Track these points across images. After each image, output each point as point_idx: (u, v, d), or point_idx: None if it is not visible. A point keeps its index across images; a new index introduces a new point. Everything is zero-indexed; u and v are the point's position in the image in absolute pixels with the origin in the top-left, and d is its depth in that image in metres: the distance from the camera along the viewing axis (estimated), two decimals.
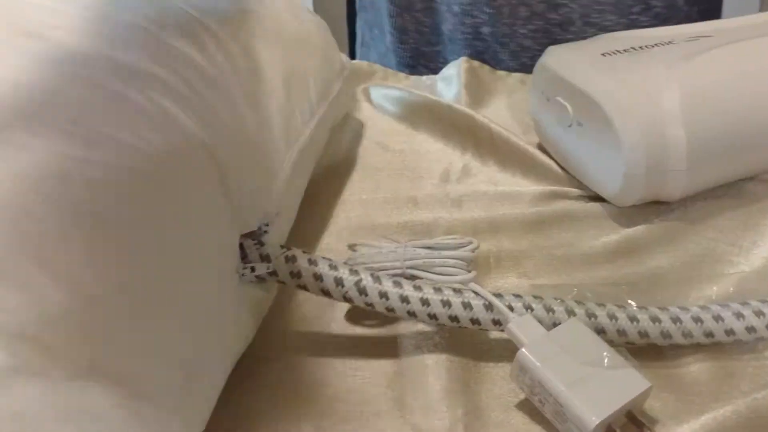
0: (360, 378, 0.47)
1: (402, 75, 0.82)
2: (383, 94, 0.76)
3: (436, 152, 0.69)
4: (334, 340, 0.50)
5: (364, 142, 0.71)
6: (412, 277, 0.48)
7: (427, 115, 0.71)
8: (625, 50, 0.60)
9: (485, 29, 0.83)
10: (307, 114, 0.58)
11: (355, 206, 0.63)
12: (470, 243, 0.49)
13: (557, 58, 0.61)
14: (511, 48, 0.82)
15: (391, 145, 0.70)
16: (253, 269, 0.44)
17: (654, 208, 0.58)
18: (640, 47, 0.60)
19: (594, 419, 0.39)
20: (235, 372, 0.44)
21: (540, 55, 0.63)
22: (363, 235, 0.58)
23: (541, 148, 0.66)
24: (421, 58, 0.92)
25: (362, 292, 0.45)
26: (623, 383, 0.41)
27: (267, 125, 0.50)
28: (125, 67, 0.39)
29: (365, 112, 0.75)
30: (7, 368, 0.26)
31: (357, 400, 0.45)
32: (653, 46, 0.60)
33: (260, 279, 0.45)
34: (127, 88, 0.38)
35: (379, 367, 0.47)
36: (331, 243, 0.59)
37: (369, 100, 0.76)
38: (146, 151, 0.36)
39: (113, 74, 0.38)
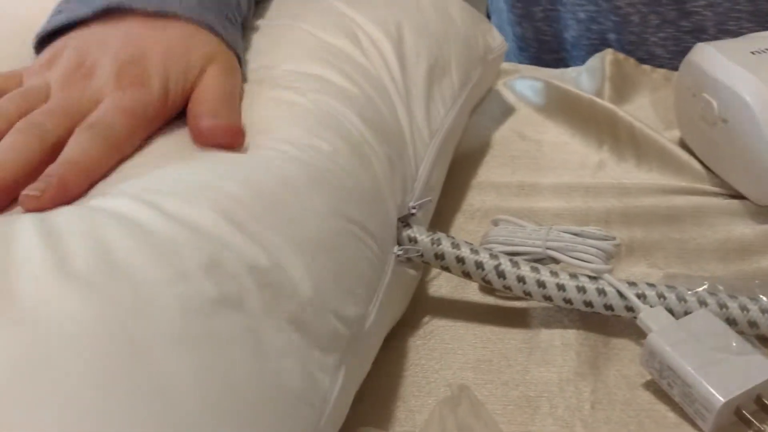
0: (490, 351, 0.49)
1: (548, 69, 0.83)
2: (527, 84, 0.77)
3: (574, 144, 0.70)
4: (469, 310, 0.52)
5: (502, 130, 0.73)
6: (551, 259, 0.50)
7: (567, 108, 0.73)
8: None
9: (611, 36, 0.83)
10: (449, 101, 0.61)
11: (489, 190, 0.65)
12: (614, 239, 0.50)
13: (705, 55, 0.61)
14: (638, 55, 0.82)
15: (529, 134, 0.72)
16: (406, 250, 0.47)
17: None
18: None
19: (720, 399, 0.40)
20: None
21: (669, 63, 0.63)
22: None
23: (683, 144, 0.66)
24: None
25: (501, 275, 0.47)
26: (752, 368, 0.42)
27: (413, 114, 0.53)
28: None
29: (506, 100, 0.77)
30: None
31: (485, 370, 0.47)
32: None
33: (409, 260, 0.48)
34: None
35: (510, 341, 0.49)
36: (465, 224, 0.61)
37: (511, 89, 0.78)
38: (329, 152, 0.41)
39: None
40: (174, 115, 0.42)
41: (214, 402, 0.28)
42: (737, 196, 0.60)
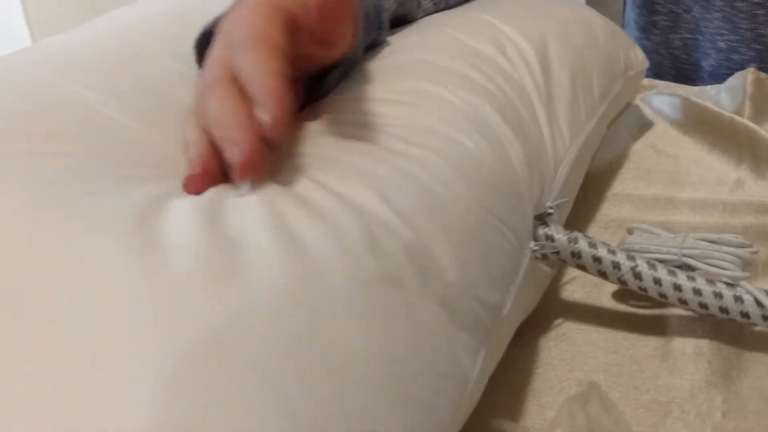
0: (621, 355, 0.50)
1: (687, 86, 0.83)
2: (665, 100, 0.78)
3: (711, 161, 0.70)
4: (602, 315, 0.53)
5: (637, 144, 0.73)
6: (686, 266, 0.50)
7: (705, 125, 0.73)
8: None
9: (752, 65, 0.83)
10: (589, 110, 0.62)
11: (623, 202, 0.66)
12: (751, 246, 0.50)
13: None
14: None
15: (664, 149, 0.72)
16: (542, 246, 0.48)
17: None
18: None
19: None
20: None
21: None
22: None
23: None
24: None
25: (637, 277, 0.48)
26: None
27: (555, 117, 0.55)
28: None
29: (643, 115, 0.77)
30: None
31: (616, 373, 0.48)
32: None
33: (544, 257, 0.50)
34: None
35: (642, 347, 0.50)
36: (599, 233, 0.62)
37: (648, 104, 0.78)
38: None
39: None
40: None
41: (378, 372, 0.30)
42: None
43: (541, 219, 0.50)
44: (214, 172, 0.37)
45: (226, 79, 0.38)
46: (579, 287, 0.56)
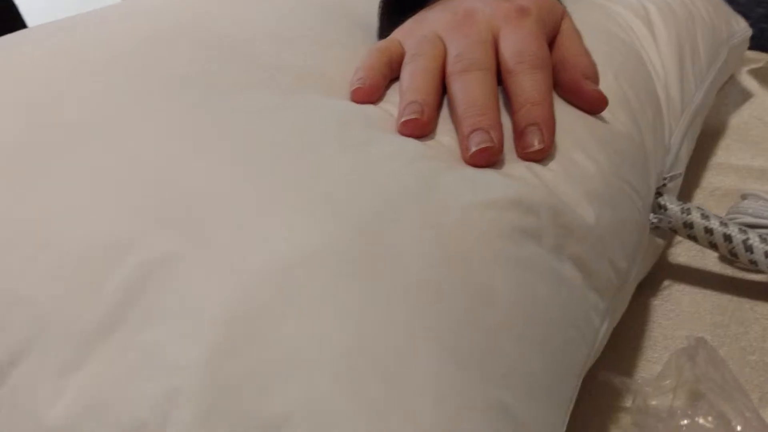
0: (728, 318, 0.52)
1: None
2: None
3: None
4: (708, 278, 0.55)
5: (744, 115, 0.74)
6: None
7: None
8: None
9: None
10: (698, 78, 0.63)
11: (729, 172, 0.66)
12: None
13: None
14: None
15: None
16: (660, 218, 0.50)
17: None
18: None
19: None
20: None
21: None
22: (736, 199, 0.61)
23: None
24: None
25: (749, 249, 0.49)
26: None
27: (669, 87, 0.56)
28: None
29: (749, 87, 0.77)
30: None
31: (722, 334, 0.50)
32: None
33: (658, 227, 0.51)
34: None
35: (748, 311, 0.52)
36: (704, 201, 0.63)
37: (756, 76, 0.78)
38: None
39: None
40: None
41: (518, 318, 0.33)
42: None
43: (658, 190, 0.51)
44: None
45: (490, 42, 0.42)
46: (685, 251, 0.57)
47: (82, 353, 0.29)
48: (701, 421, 0.42)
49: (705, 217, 0.51)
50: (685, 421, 0.43)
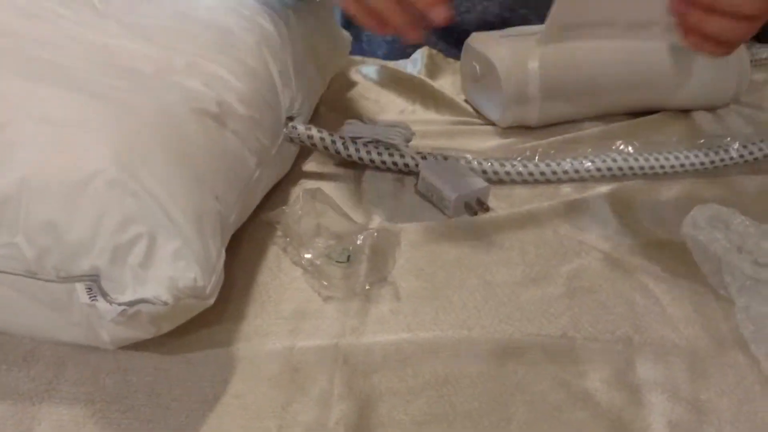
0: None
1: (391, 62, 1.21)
2: (371, 69, 1.15)
3: (395, 101, 1.07)
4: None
5: (352, 92, 1.09)
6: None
7: (394, 80, 1.10)
8: (514, 35, 0.98)
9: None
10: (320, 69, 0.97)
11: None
12: (410, 129, 0.87)
13: (476, 40, 1.00)
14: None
15: (370, 96, 1.08)
16: (290, 131, 0.82)
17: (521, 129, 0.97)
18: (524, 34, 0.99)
19: (454, 194, 0.77)
20: None
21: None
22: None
23: (466, 100, 1.04)
24: None
25: (345, 148, 0.83)
26: (473, 184, 0.79)
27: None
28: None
29: (355, 77, 1.13)
30: None
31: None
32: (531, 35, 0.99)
33: (291, 139, 0.83)
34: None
35: None
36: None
37: (360, 72, 1.15)
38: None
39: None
40: None
41: (208, 163, 0.64)
42: (490, 123, 0.98)
43: (292, 118, 0.83)
44: None
45: None
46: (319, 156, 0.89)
47: None
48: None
49: (320, 131, 0.84)
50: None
